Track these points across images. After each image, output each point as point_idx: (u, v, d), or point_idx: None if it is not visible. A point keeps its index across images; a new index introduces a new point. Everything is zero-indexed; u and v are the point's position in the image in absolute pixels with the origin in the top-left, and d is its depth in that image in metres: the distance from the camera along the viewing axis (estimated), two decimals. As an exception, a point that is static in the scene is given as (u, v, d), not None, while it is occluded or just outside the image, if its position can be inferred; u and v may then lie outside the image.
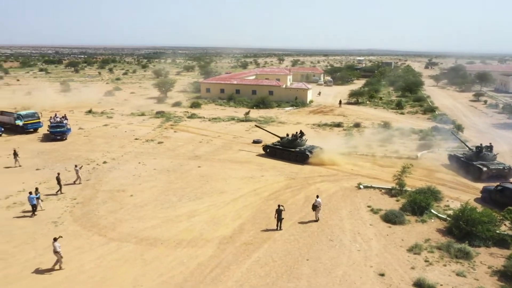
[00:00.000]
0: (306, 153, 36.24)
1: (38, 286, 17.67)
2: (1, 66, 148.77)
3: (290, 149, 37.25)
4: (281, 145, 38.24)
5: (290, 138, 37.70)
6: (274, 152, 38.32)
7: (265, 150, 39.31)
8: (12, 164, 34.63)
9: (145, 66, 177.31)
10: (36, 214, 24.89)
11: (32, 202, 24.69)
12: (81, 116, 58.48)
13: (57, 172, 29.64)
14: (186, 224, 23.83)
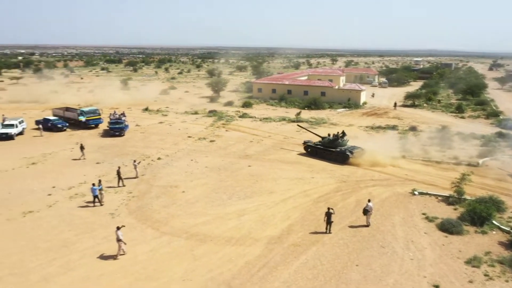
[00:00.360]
0: (346, 153, 36.03)
1: (96, 273, 18.63)
2: (67, 65, 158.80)
3: (331, 148, 37.24)
4: (322, 144, 38.32)
5: (331, 138, 37.74)
6: (315, 151, 38.54)
7: (306, 149, 39.63)
8: (78, 156, 36.84)
9: (199, 66, 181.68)
10: (98, 204, 26.29)
11: (95, 193, 26.13)
12: (138, 113, 60.94)
13: (118, 166, 31.14)
14: (235, 222, 24.12)
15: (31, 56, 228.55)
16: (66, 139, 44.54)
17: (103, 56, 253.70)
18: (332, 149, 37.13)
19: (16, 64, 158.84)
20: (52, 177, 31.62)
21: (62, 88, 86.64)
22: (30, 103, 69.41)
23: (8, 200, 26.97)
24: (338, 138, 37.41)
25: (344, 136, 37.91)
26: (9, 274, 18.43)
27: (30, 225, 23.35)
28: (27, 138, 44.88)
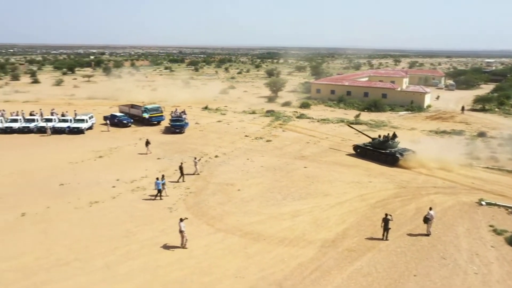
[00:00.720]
0: (396, 155, 35.45)
1: (153, 264, 19.40)
2: (134, 64, 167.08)
3: (380, 150, 36.75)
4: (372, 145, 37.98)
5: (382, 139, 37.43)
6: (364, 152, 38.21)
7: (355, 150, 39.37)
8: (144, 151, 38.66)
9: (258, 66, 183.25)
10: (161, 198, 27.35)
11: (158, 187, 27.23)
12: (198, 111, 62.66)
13: (181, 162, 32.18)
14: (289, 223, 24.03)
15: (101, 56, 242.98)
16: (131, 135, 46.84)
17: (166, 56, 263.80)
18: (382, 151, 36.65)
19: (88, 63, 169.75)
20: (116, 170, 33.38)
21: (128, 86, 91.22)
22: (100, 99, 73.84)
23: (77, 190, 28.86)
24: (389, 140, 36.95)
25: (395, 138, 37.35)
26: (75, 259, 19.71)
27: (95, 215, 24.82)
28: (96, 133, 47.77)
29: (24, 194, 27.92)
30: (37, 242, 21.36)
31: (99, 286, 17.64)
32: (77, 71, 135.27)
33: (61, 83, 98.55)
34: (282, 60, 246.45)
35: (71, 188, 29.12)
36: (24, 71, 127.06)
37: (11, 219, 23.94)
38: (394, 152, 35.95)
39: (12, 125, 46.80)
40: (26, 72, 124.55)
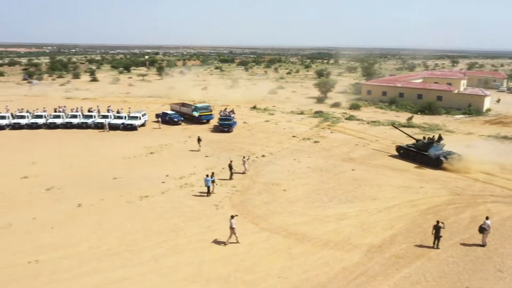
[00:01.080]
0: (440, 158, 34.68)
1: (199, 259, 19.80)
2: (186, 64, 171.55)
3: (424, 152, 35.95)
4: (415, 147, 37.32)
5: (426, 141, 36.86)
6: (407, 154, 37.82)
7: (398, 151, 39.02)
8: (195, 148, 39.76)
9: (308, 66, 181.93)
10: (208, 195, 27.86)
11: (207, 184, 27.77)
12: (246, 111, 63.22)
13: (230, 160, 32.65)
14: (335, 226, 23.64)
15: (155, 55, 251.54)
16: (181, 132, 48.13)
17: (217, 56, 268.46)
18: (425, 153, 35.74)
19: (143, 62, 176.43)
20: (166, 166, 34.42)
21: (180, 85, 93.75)
22: (153, 98, 76.53)
23: (129, 184, 30.07)
24: (433, 142, 36.16)
25: (440, 140, 36.61)
26: (125, 251, 20.54)
27: (145, 209, 25.73)
28: (148, 130, 49.54)
29: (81, 186, 29.51)
30: (91, 232, 22.49)
31: (147, 277, 18.26)
32: (132, 70, 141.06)
33: (117, 81, 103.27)
34: (333, 60, 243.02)
35: (123, 182, 30.39)
36: (84, 70, 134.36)
37: (69, 209, 25.38)
38: (438, 154, 35.00)
39: (72, 121, 49.65)
40: (86, 71, 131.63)
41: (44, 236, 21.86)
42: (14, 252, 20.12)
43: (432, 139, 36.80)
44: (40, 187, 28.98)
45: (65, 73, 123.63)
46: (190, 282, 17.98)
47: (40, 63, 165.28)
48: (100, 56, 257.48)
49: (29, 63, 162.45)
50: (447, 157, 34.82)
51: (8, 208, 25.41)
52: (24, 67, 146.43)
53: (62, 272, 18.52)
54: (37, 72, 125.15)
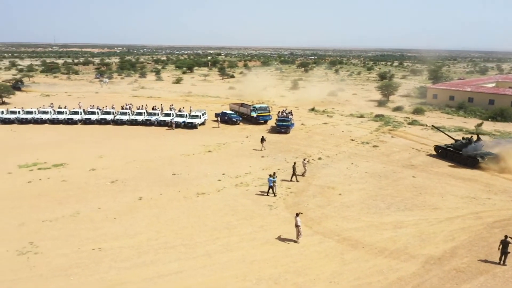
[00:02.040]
0: (476, 158, 35.15)
1: (250, 258, 19.99)
2: (247, 65, 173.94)
3: (461, 152, 36.77)
4: (453, 147, 38.23)
5: (463, 142, 37.70)
6: (445, 154, 38.65)
7: (436, 151, 39.85)
8: (258, 147, 40.51)
9: (371, 69, 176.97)
10: (267, 194, 28.07)
11: (270, 184, 27.98)
12: (304, 113, 62.85)
13: (294, 162, 32.52)
14: (391, 234, 22.82)
15: (217, 56, 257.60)
16: (238, 132, 48.90)
17: (278, 57, 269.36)
18: (462, 152, 36.70)
19: (205, 63, 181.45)
20: (223, 165, 35.14)
21: (239, 85, 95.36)
22: (213, 97, 78.46)
23: (187, 180, 31.07)
24: (471, 142, 37.02)
25: (478, 140, 37.63)
26: (181, 245, 21.26)
27: (201, 205, 26.45)
28: (207, 128, 50.87)
29: (142, 180, 30.97)
30: (150, 224, 23.53)
31: (200, 271, 18.77)
32: (195, 70, 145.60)
33: (180, 81, 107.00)
34: (397, 62, 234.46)
35: (181, 178, 31.46)
36: (150, 70, 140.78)
37: (131, 202, 26.74)
38: (474, 154, 35.42)
39: (136, 118, 52.24)
40: (152, 70, 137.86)
41: (107, 225, 23.23)
42: (80, 239, 21.57)
43: (470, 139, 37.50)
44: (105, 179, 30.83)
45: (133, 73, 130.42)
46: (241, 279, 18.22)
47: (111, 62, 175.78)
48: (165, 56, 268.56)
49: (101, 63, 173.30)
50: (484, 157, 35.05)
51: (77, 197, 27.30)
52: (97, 66, 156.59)
53: (121, 261, 19.55)
54: (108, 71, 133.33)
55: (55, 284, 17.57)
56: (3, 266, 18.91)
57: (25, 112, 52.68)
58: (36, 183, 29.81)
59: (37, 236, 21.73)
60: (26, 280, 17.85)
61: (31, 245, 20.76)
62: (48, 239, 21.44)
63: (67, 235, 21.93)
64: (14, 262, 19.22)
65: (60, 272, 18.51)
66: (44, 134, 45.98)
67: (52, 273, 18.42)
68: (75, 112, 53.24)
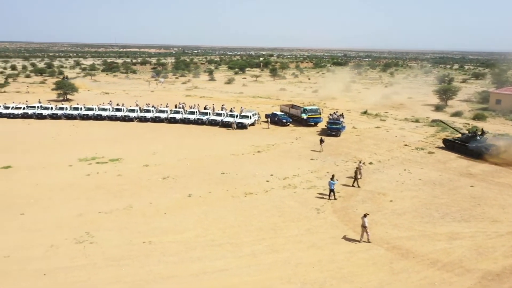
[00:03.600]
0: (481, 149, 38.22)
1: (295, 261, 19.81)
2: (298, 66, 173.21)
3: (467, 144, 39.74)
4: (460, 140, 41.26)
5: (470, 135, 40.97)
6: (452, 146, 41.61)
7: (444, 144, 42.98)
8: (317, 148, 40.51)
9: (428, 72, 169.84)
10: (329, 198, 27.71)
11: (331, 187, 27.62)
12: (356, 116, 61.49)
13: (356, 167, 31.63)
14: (445, 245, 21.72)
15: (269, 57, 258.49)
16: (288, 133, 48.74)
17: (330, 59, 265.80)
18: (468, 145, 39.58)
19: (257, 64, 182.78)
20: (271, 166, 35.16)
21: (290, 87, 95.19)
22: (264, 98, 78.83)
23: (235, 180, 31.41)
24: (476, 135, 40.17)
25: (483, 134, 40.88)
26: (227, 243, 21.50)
27: (248, 205, 26.62)
28: (257, 129, 51.17)
29: (192, 177, 31.70)
30: (198, 221, 24.02)
31: (245, 271, 18.88)
32: (247, 71, 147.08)
33: (232, 81, 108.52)
34: (457, 66, 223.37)
35: (230, 178, 31.85)
36: (204, 70, 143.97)
37: (180, 198, 27.46)
38: (479, 146, 38.59)
39: (189, 117, 53.59)
40: (205, 71, 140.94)
41: (158, 220, 23.99)
42: (132, 232, 22.45)
43: (475, 133, 40.96)
44: (157, 176, 31.87)
45: (187, 72, 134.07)
46: (286, 282, 18.11)
47: (166, 62, 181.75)
48: (218, 57, 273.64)
49: (157, 63, 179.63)
50: (488, 148, 37.97)
51: (131, 191, 28.44)
52: (153, 66, 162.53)
53: (170, 255, 20.10)
54: (163, 70, 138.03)
55: (108, 274, 18.40)
56: (62, 253, 20.09)
57: (86, 109, 55.72)
58: (94, 176, 31.43)
59: (93, 227, 22.89)
60: (81, 267, 18.83)
61: (88, 235, 21.89)
62: (103, 230, 22.51)
63: (120, 227, 22.91)
64: (71, 250, 20.36)
65: (112, 262, 19.37)
66: (102, 130, 48.42)
67: (105, 262, 19.31)
68: (131, 110, 55.58)
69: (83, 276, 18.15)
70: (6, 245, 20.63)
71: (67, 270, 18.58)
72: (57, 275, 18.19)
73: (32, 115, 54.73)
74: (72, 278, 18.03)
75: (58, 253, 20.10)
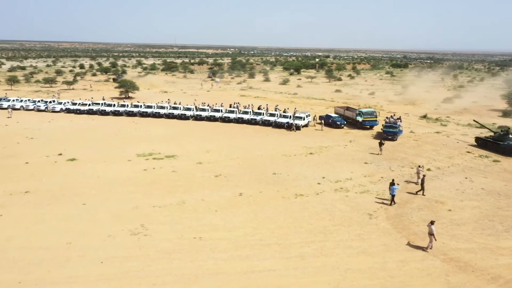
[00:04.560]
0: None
1: (345, 266, 19.37)
2: (355, 68, 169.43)
3: (499, 142, 41.32)
4: (492, 138, 42.86)
5: (502, 133, 42.51)
6: (484, 144, 43.20)
7: (477, 142, 44.59)
8: (376, 151, 40.00)
9: (496, 74, 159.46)
10: (392, 204, 26.96)
11: (393, 193, 26.82)
12: (414, 120, 59.05)
13: (423, 175, 30.41)
14: (509, 260, 20.25)
15: (326, 58, 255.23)
16: (342, 136, 47.82)
17: (389, 60, 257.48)
18: (500, 143, 41.14)
19: (313, 65, 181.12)
20: (323, 168, 34.66)
21: (345, 89, 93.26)
22: (318, 100, 77.96)
23: (286, 181, 31.30)
24: (508, 134, 41.69)
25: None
26: (276, 243, 21.47)
27: (298, 207, 26.41)
28: (310, 130, 50.67)
29: (243, 176, 32.01)
30: (248, 220, 24.20)
31: (292, 272, 18.75)
32: (302, 72, 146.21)
33: (287, 82, 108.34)
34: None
35: (281, 178, 31.79)
36: (259, 71, 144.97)
37: (231, 196, 27.83)
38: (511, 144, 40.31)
39: (243, 116, 54.19)
40: (260, 71, 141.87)
41: (208, 217, 24.47)
42: (184, 227, 23.08)
43: (508, 131, 42.43)
44: (210, 173, 32.53)
45: (243, 73, 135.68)
46: (333, 287, 17.75)
47: (223, 63, 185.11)
48: (274, 58, 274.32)
49: (214, 63, 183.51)
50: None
51: (184, 188, 29.26)
52: (210, 66, 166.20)
53: (219, 252, 20.43)
54: (219, 70, 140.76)
55: (159, 266, 19.05)
56: (118, 243, 21.08)
57: (146, 107, 58.11)
58: (150, 171, 32.69)
59: (147, 220, 23.81)
60: (135, 258, 19.65)
61: (142, 227, 22.80)
62: (157, 224, 23.34)
63: (173, 222, 23.63)
64: (127, 241, 21.30)
65: (164, 255, 20.03)
66: (160, 127, 50.25)
67: (157, 255, 20.01)
68: (187, 108, 57.19)
69: (136, 266, 18.94)
70: (69, 233, 22.01)
71: (122, 260, 19.47)
72: (113, 264, 19.11)
73: (96, 112, 58.00)
74: (126, 267, 18.87)
75: (115, 243, 21.12)
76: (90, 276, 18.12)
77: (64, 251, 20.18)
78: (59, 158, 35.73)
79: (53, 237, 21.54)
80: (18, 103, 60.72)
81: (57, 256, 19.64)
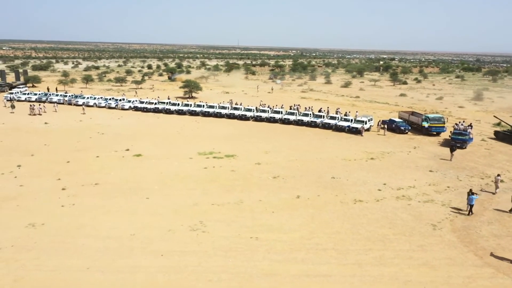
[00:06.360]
0: None
1: (404, 277, 18.52)
2: (422, 71, 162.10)
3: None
4: (510, 132, 46.21)
5: None
6: (503, 137, 46.45)
7: (496, 135, 47.84)
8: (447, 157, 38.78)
9: None
10: (470, 214, 25.75)
11: (471, 202, 25.57)
12: (487, 127, 55.22)
13: None
14: None
15: (391, 61, 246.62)
16: (405, 142, 45.91)
17: (460, 64, 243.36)
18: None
19: (377, 67, 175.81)
20: (385, 174, 33.49)
21: (411, 93, 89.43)
22: (381, 103, 75.52)
23: (345, 185, 30.62)
24: None
25: None
26: (332, 249, 21.07)
27: (357, 212, 25.73)
28: (371, 135, 49.19)
29: (301, 179, 31.78)
30: (304, 223, 23.99)
31: (348, 280, 18.29)
32: (365, 75, 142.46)
33: (349, 85, 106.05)
34: None
35: (340, 183, 31.16)
36: (321, 73, 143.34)
37: (289, 198, 27.74)
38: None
39: (303, 119, 53.88)
40: (322, 73, 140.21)
41: (265, 218, 24.57)
42: (240, 226, 23.37)
43: None
44: (268, 174, 32.67)
45: (304, 75, 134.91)
46: (392, 298, 17.09)
47: (284, 65, 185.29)
48: (336, 60, 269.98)
49: (275, 65, 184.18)
50: None
51: (242, 187, 29.65)
52: (271, 68, 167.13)
53: (275, 253, 20.44)
54: (281, 72, 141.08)
55: (216, 262, 19.44)
56: (177, 238, 21.83)
57: (208, 106, 59.69)
58: (210, 170, 33.49)
59: (206, 217, 24.41)
60: (193, 253, 20.22)
61: (201, 224, 23.42)
62: (215, 221, 23.86)
63: (230, 221, 24.02)
64: (186, 236, 21.99)
65: (221, 252, 20.41)
66: (221, 127, 51.35)
67: (214, 251, 20.44)
68: (248, 109, 57.91)
69: (194, 262, 19.48)
70: (133, 225, 23.15)
71: (181, 254, 20.13)
72: (172, 257, 19.81)
73: (162, 110, 60.56)
74: (184, 261, 19.47)
75: (175, 237, 21.88)
76: (151, 267, 18.92)
77: (128, 241, 21.25)
78: (126, 153, 37.73)
79: (118, 227, 22.78)
80: (92, 101, 65.14)
81: (121, 246, 20.74)
